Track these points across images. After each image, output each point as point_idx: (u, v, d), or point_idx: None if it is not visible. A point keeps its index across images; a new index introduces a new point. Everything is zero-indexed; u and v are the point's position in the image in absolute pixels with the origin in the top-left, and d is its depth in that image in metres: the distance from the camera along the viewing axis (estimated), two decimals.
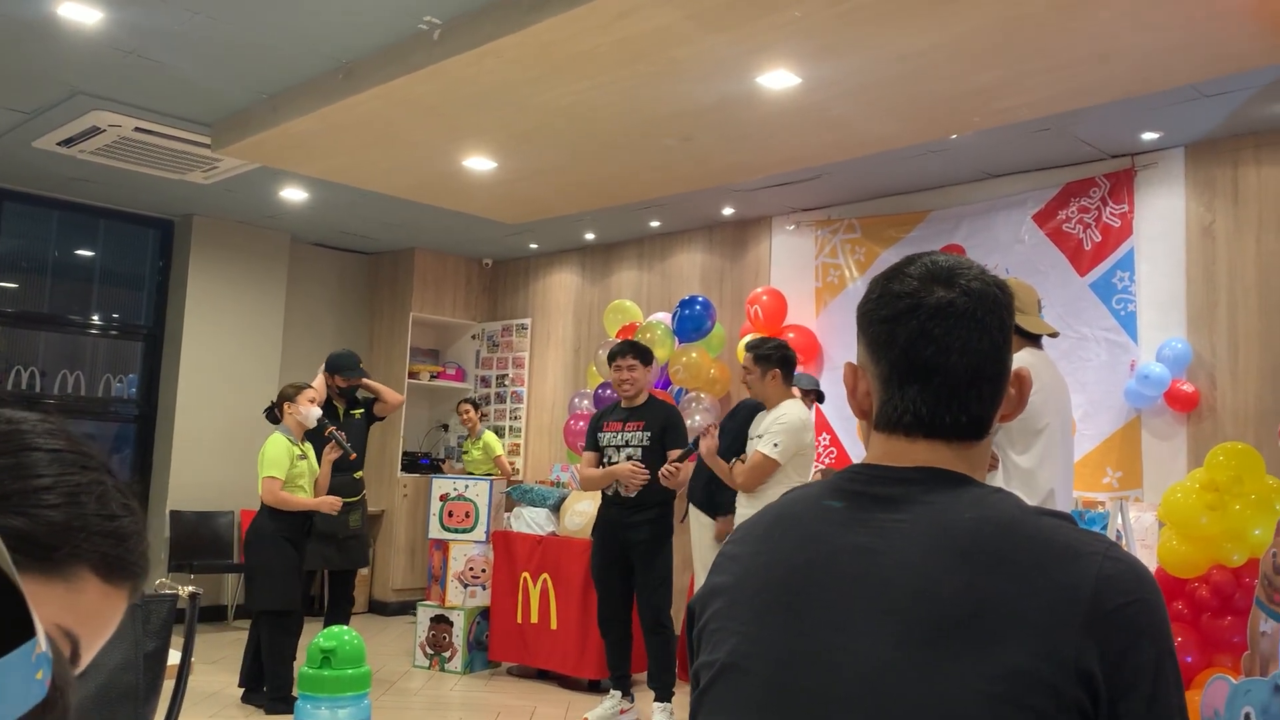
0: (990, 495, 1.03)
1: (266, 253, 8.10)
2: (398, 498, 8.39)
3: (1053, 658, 0.89)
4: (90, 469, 0.74)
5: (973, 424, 1.07)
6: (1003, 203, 5.95)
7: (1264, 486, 4.20)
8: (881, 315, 1.09)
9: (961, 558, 0.96)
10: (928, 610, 0.94)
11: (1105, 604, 0.92)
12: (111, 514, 0.72)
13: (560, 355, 8.38)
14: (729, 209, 6.90)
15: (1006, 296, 1.09)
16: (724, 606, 1.08)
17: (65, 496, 0.70)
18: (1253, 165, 5.14)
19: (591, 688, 5.76)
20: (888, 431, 1.09)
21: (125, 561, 0.72)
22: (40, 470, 0.70)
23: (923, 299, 1.06)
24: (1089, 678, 0.90)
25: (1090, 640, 0.90)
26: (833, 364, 6.55)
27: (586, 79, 4.39)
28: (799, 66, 4.22)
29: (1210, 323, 5.20)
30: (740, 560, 1.11)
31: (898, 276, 1.10)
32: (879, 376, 1.09)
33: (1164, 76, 4.20)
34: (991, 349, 1.06)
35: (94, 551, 0.69)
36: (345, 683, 1.10)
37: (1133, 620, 0.92)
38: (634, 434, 5.05)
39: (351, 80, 4.68)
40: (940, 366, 1.05)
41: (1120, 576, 0.94)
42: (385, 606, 8.25)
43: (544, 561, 5.99)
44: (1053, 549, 0.96)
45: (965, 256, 1.13)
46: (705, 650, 1.08)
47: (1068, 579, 0.93)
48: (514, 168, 5.74)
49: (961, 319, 1.05)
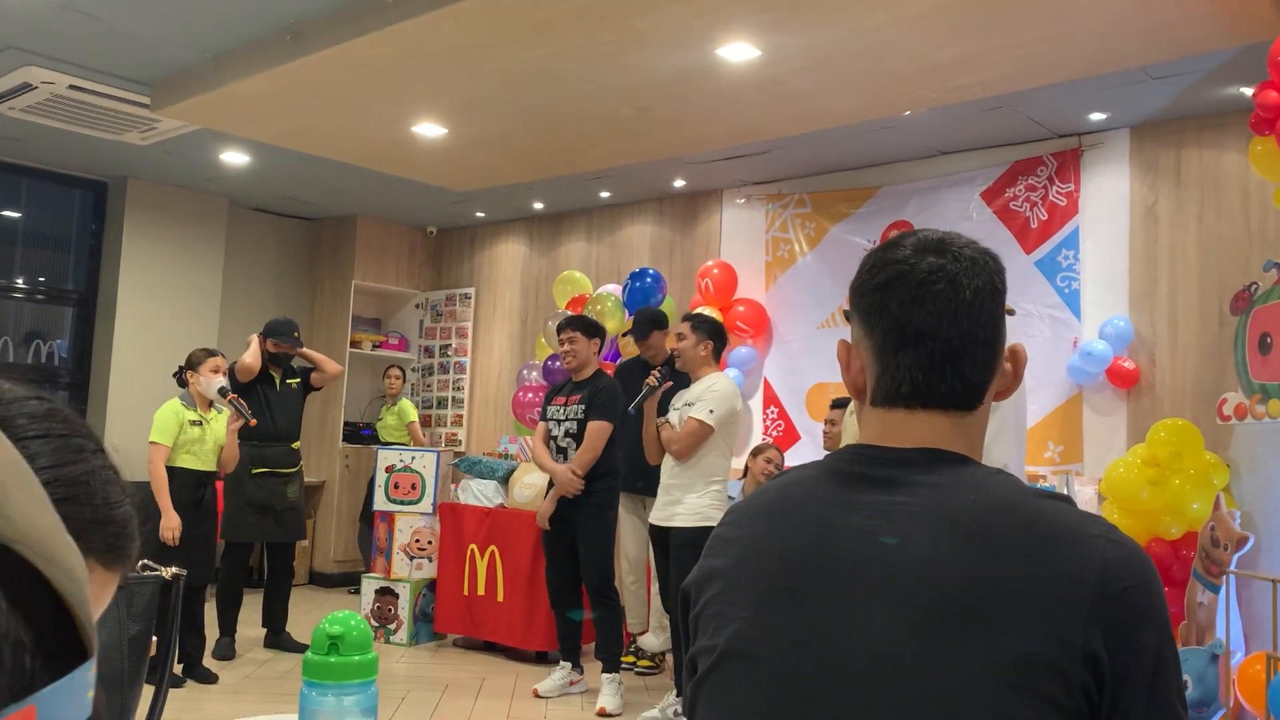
0: (991, 477, 1.03)
1: (204, 217, 7.88)
2: (338, 468, 8.28)
3: (1060, 641, 0.90)
4: (89, 453, 0.71)
5: (967, 391, 1.06)
6: (951, 180, 6.01)
7: (1202, 462, 4.33)
8: (873, 284, 1.08)
9: (966, 541, 0.96)
10: (936, 594, 0.94)
11: (1110, 587, 0.92)
12: (113, 502, 0.70)
13: (507, 326, 8.31)
14: (680, 181, 6.88)
15: (998, 265, 1.09)
16: (721, 591, 1.06)
17: (69, 489, 0.67)
18: (1195, 148, 5.25)
19: (539, 659, 5.76)
20: (886, 405, 1.07)
21: (126, 549, 0.70)
22: (41, 463, 0.67)
23: (914, 264, 1.06)
24: (1095, 660, 0.90)
25: (1096, 623, 0.91)
26: (782, 338, 6.58)
27: (545, 46, 4.32)
28: (759, 39, 4.20)
29: (1151, 302, 5.32)
30: (737, 543, 1.09)
31: (891, 247, 1.10)
32: (873, 348, 1.08)
33: (1119, 58, 4.26)
34: (983, 313, 1.06)
35: (100, 543, 0.67)
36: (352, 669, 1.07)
37: (1136, 603, 0.93)
38: (573, 408, 5.06)
39: (300, 42, 4.55)
40: (933, 331, 1.04)
41: (1123, 560, 0.95)
42: (326, 578, 8.15)
43: (492, 533, 5.95)
44: (1056, 532, 0.96)
45: (952, 232, 1.12)
46: (703, 636, 1.06)
47: (1072, 562, 0.93)
48: (465, 134, 5.65)
49: (953, 283, 1.05)
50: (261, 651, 5.74)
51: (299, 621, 6.33)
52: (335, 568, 8.17)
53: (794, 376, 6.50)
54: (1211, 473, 4.27)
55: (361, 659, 1.25)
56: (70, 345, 7.61)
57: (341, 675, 1.26)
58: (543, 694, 5.00)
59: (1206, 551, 3.98)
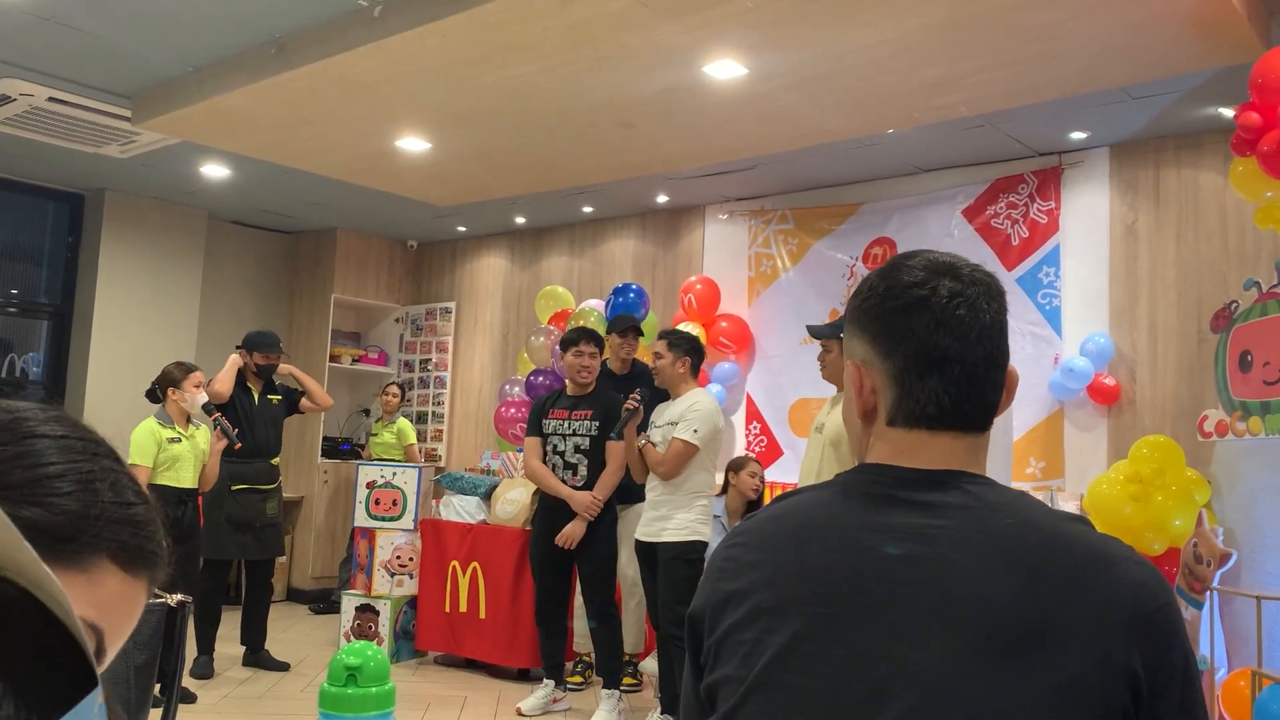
0: (1020, 498, 1.05)
1: (183, 230, 7.81)
2: (317, 484, 8.21)
3: (1104, 663, 0.92)
4: (100, 455, 0.71)
5: (986, 413, 1.08)
6: (933, 197, 6.05)
7: (1184, 479, 4.36)
8: (891, 307, 1.08)
9: (1012, 565, 0.97)
10: (987, 618, 0.94)
11: (1144, 608, 0.95)
12: (127, 501, 0.70)
13: (488, 341, 8.28)
14: (663, 197, 6.89)
15: (1003, 288, 1.12)
16: (748, 616, 1.03)
17: (78, 484, 0.66)
18: (1173, 167, 5.31)
19: (521, 676, 5.72)
20: (906, 426, 1.07)
21: (144, 550, 0.69)
22: (49, 458, 0.67)
23: (935, 288, 1.07)
24: (1134, 678, 0.93)
25: (1135, 643, 0.93)
26: (765, 354, 6.60)
27: (532, 62, 4.32)
28: (747, 57, 4.21)
29: (1131, 319, 5.37)
30: (760, 567, 1.06)
31: (900, 269, 1.10)
32: (891, 371, 1.08)
33: (1100, 78, 4.30)
34: (1001, 337, 1.09)
35: (113, 540, 0.66)
36: (370, 701, 1.05)
37: (1165, 623, 0.96)
38: (581, 423, 4.99)
39: (285, 56, 4.53)
40: (959, 356, 1.05)
41: (1150, 582, 0.98)
42: (304, 594, 8.07)
43: (474, 550, 5.91)
44: (1091, 556, 0.98)
45: (952, 253, 1.14)
46: (727, 664, 1.03)
47: (1108, 585, 0.96)
48: (449, 149, 5.64)
49: (973, 308, 1.06)
50: (240, 670, 5.67)
51: (277, 639, 6.26)
52: (313, 584, 8.09)
53: (777, 392, 6.51)
54: (1193, 489, 4.31)
55: (379, 690, 1.23)
56: (45, 359, 7.52)
57: (359, 707, 1.24)
58: (525, 712, 4.97)
59: (1189, 568, 4.01)
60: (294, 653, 6.08)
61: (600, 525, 4.92)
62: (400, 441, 7.69)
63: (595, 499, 4.85)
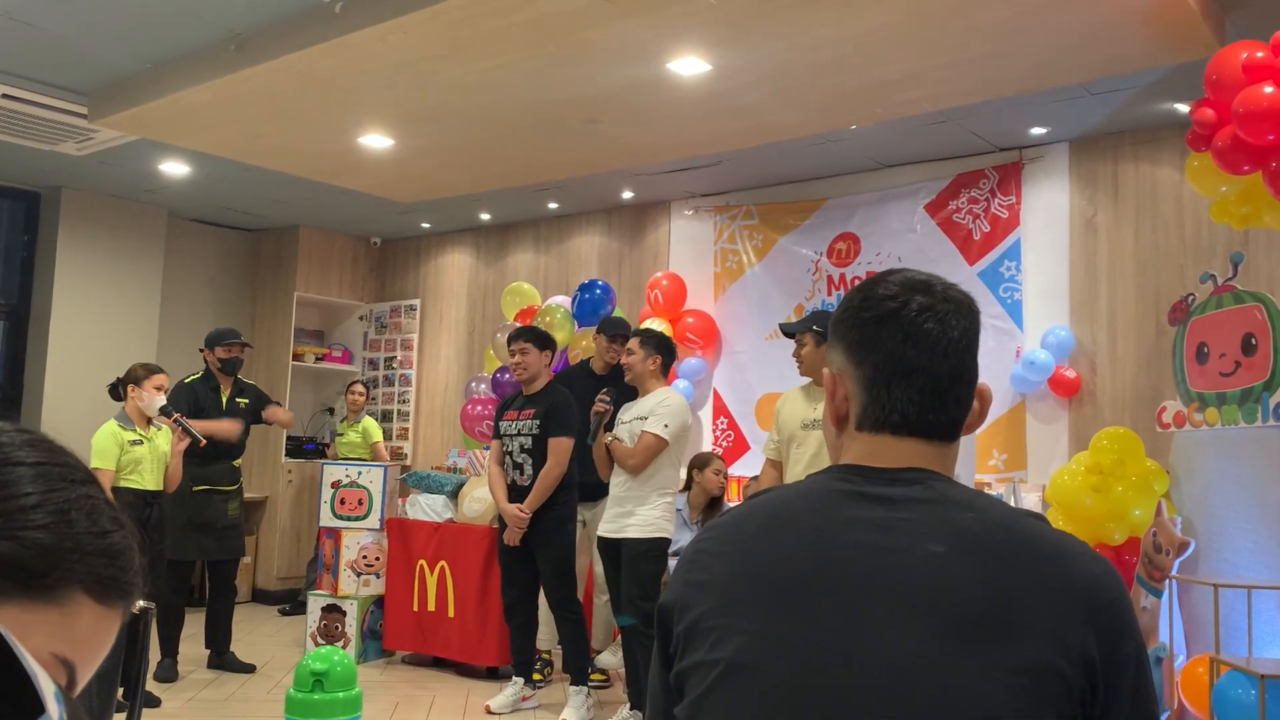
0: (981, 496, 1.09)
1: (142, 228, 7.71)
2: (282, 484, 8.14)
3: (1064, 649, 0.95)
4: (77, 482, 0.69)
5: (950, 425, 1.13)
6: (896, 193, 6.09)
7: (1143, 469, 4.42)
8: (864, 319, 1.13)
9: (973, 555, 1.00)
10: (949, 606, 0.97)
11: (1098, 600, 0.99)
12: (103, 530, 0.68)
13: (454, 338, 8.25)
14: (628, 193, 6.89)
15: (976, 308, 1.16)
16: (717, 605, 1.05)
17: (53, 515, 0.65)
18: (1131, 162, 5.38)
19: (490, 674, 5.71)
20: (873, 430, 1.12)
21: (119, 580, 0.68)
22: (24, 488, 0.65)
23: (906, 303, 1.11)
24: (1092, 666, 0.96)
25: (1091, 632, 0.97)
26: (731, 349, 6.62)
27: (494, 58, 4.31)
28: (710, 54, 4.22)
29: (1091, 312, 5.44)
30: (728, 558, 1.09)
31: (877, 284, 1.16)
32: (861, 379, 1.13)
33: (1060, 74, 4.35)
34: (969, 353, 1.13)
35: (88, 573, 0.65)
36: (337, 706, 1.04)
37: (1119, 615, 1.00)
38: (526, 422, 5.02)
39: (245, 52, 4.48)
40: (925, 367, 1.10)
41: (1105, 575, 1.02)
42: (269, 595, 8.00)
43: (441, 548, 5.89)
44: (1049, 549, 1.02)
45: (932, 274, 1.17)
46: (698, 650, 1.05)
47: (1065, 578, 1.00)
48: (412, 146, 5.60)
49: (942, 323, 1.11)
50: (205, 673, 5.62)
51: (242, 640, 6.21)
52: (278, 585, 8.02)
53: (743, 387, 6.53)
54: (1152, 479, 4.37)
55: (346, 695, 1.23)
56: (1, 360, 7.39)
57: (326, 713, 1.23)
58: (495, 710, 4.96)
59: (1149, 557, 4.07)
60: (260, 654, 6.03)
61: (552, 523, 4.93)
62: (365, 440, 7.65)
63: (520, 512, 4.87)
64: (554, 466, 4.88)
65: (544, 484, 4.88)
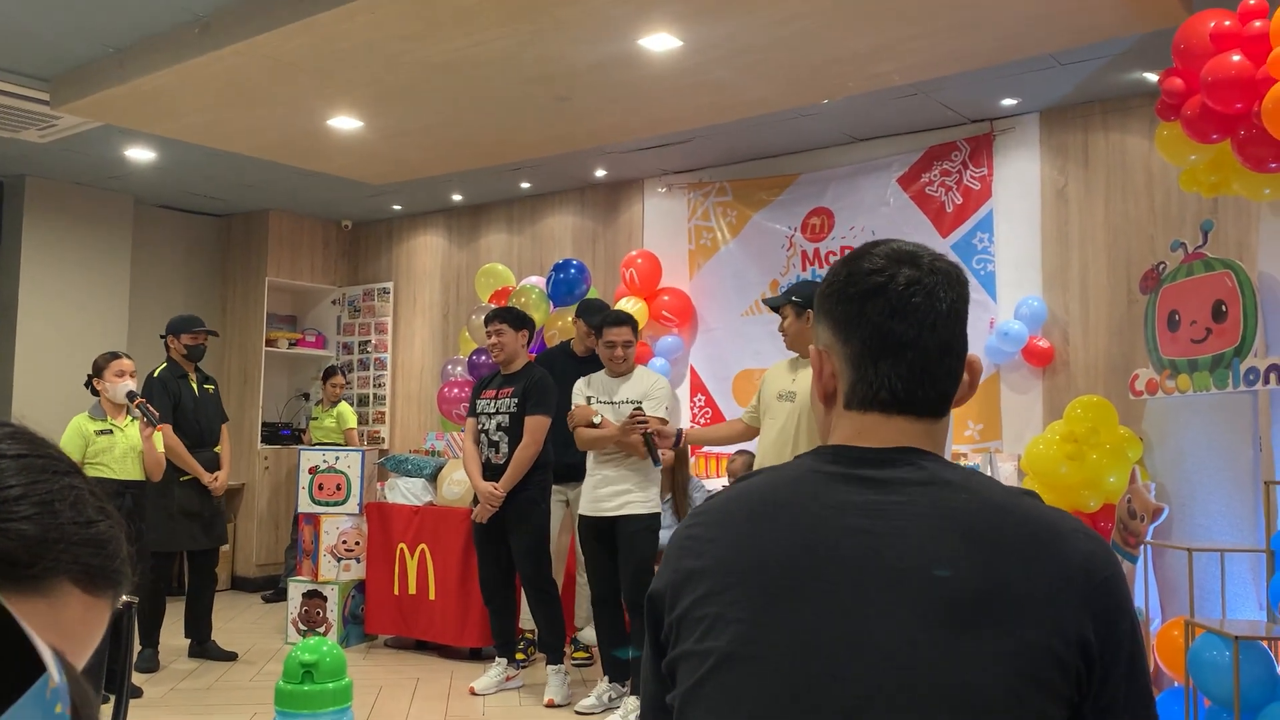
0: (973, 476, 1.07)
1: (109, 216, 7.61)
2: (258, 470, 8.09)
3: (1060, 632, 0.95)
4: (60, 473, 0.69)
5: (941, 400, 1.10)
6: (869, 166, 6.10)
7: (1117, 437, 4.48)
8: (850, 293, 1.10)
9: (965, 539, 0.99)
10: (944, 589, 0.96)
11: (1094, 578, 0.98)
12: (88, 519, 0.68)
13: (428, 320, 8.20)
14: (601, 171, 6.86)
15: (965, 277, 1.13)
16: (710, 592, 1.04)
17: (38, 506, 0.65)
18: (1101, 131, 5.41)
19: (473, 656, 5.72)
20: (861, 409, 1.10)
21: (107, 570, 0.68)
22: (8, 480, 0.65)
23: (892, 276, 1.08)
24: (1088, 646, 0.95)
25: (1086, 613, 0.96)
26: (707, 326, 6.62)
27: (465, 36, 4.26)
28: (681, 29, 4.20)
29: (1064, 281, 5.48)
30: (718, 544, 1.07)
31: (863, 257, 1.12)
32: (848, 355, 1.10)
33: (1029, 45, 4.36)
34: (958, 325, 1.10)
35: (74, 563, 0.65)
36: (327, 697, 1.04)
37: (1113, 593, 0.99)
38: (504, 401, 5.03)
39: (210, 35, 4.42)
40: (913, 342, 1.07)
41: (1098, 553, 1.01)
42: (249, 583, 7.97)
43: (421, 532, 5.88)
44: (1043, 529, 1.01)
45: (919, 243, 1.14)
46: (690, 639, 1.03)
47: (1061, 557, 0.99)
48: (383, 127, 5.55)
49: (930, 296, 1.08)
50: (186, 662, 5.59)
51: (223, 629, 6.19)
52: (257, 572, 7.99)
53: (720, 364, 6.55)
54: (1126, 447, 4.42)
55: (336, 686, 1.22)
56: None
57: (316, 704, 1.22)
58: (479, 691, 4.97)
59: (1124, 523, 4.12)
60: (241, 642, 6.01)
61: (525, 502, 4.94)
62: (340, 426, 7.62)
63: (493, 490, 4.88)
64: (530, 445, 4.89)
65: (519, 462, 4.89)
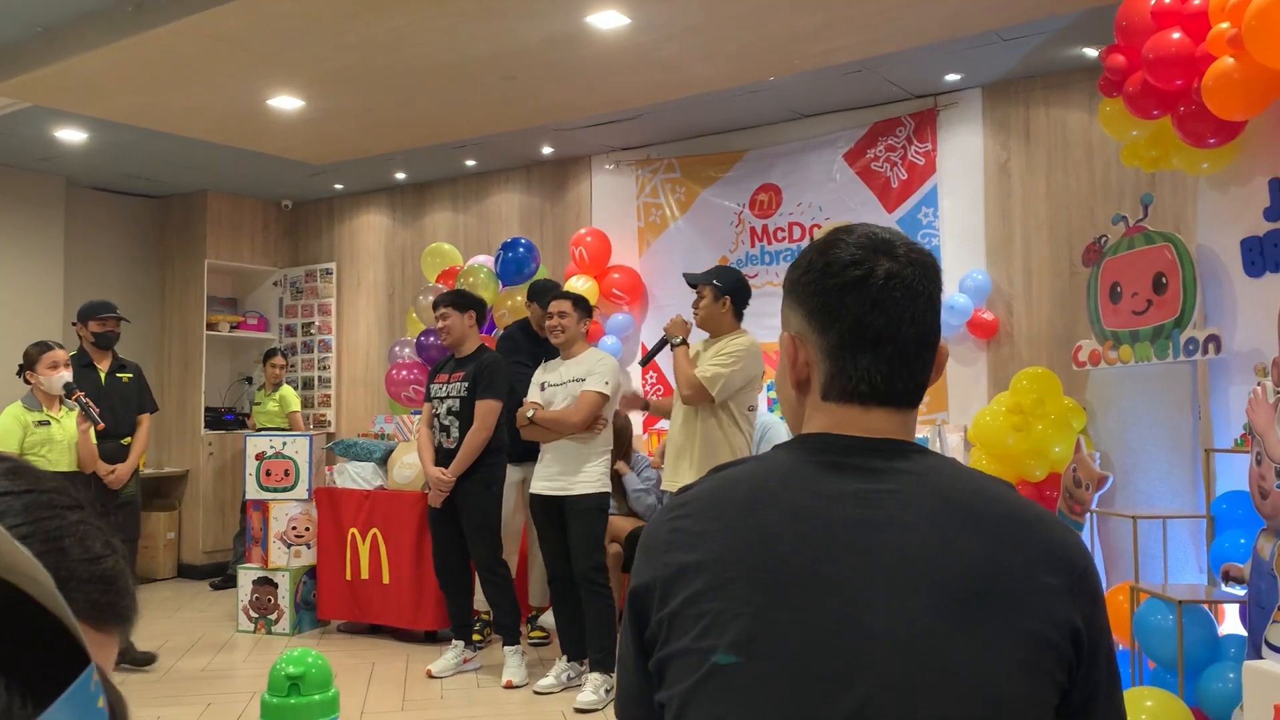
0: (958, 466, 1.08)
1: (39, 199, 7.38)
2: (203, 457, 7.95)
3: (1053, 619, 0.96)
4: (65, 508, 0.67)
5: (918, 390, 1.10)
6: (815, 143, 6.12)
7: (1061, 407, 4.56)
8: (829, 285, 1.08)
9: (965, 527, 0.99)
10: (944, 578, 0.96)
11: (1076, 567, 1.00)
12: (96, 556, 0.66)
13: (373, 301, 8.10)
14: (548, 148, 6.80)
15: (939, 266, 1.13)
16: (708, 587, 1.01)
17: (46, 545, 0.63)
18: (1042, 106, 5.49)
19: (428, 639, 5.70)
20: (840, 401, 1.09)
21: (116, 606, 0.66)
22: (13, 520, 0.63)
23: (871, 269, 1.07)
24: (1077, 634, 0.97)
25: (1075, 602, 0.98)
26: (658, 303, 6.62)
27: (407, 14, 4.19)
28: (629, 7, 4.17)
29: (1007, 255, 5.56)
30: (712, 537, 1.04)
31: (837, 245, 1.10)
32: (825, 347, 1.09)
33: (974, 21, 4.41)
34: (934, 317, 1.10)
35: (84, 600, 0.63)
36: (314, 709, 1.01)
37: (1094, 583, 1.02)
38: (455, 385, 4.99)
39: (144, 14, 4.29)
40: (893, 336, 1.07)
41: (1076, 543, 1.03)
42: (196, 570, 7.85)
43: (373, 516, 5.83)
44: (1028, 517, 1.02)
45: (890, 229, 1.14)
46: (688, 636, 1.00)
47: (1049, 547, 1.00)
48: (324, 106, 5.45)
49: (909, 290, 1.07)
50: None
51: (172, 617, 6.10)
52: (204, 559, 7.87)
53: None
54: (1070, 417, 4.51)
55: (323, 698, 1.20)
56: None
57: (304, 717, 1.20)
58: (436, 674, 4.96)
59: (1070, 491, 4.22)
60: (191, 630, 5.93)
61: (476, 484, 4.92)
62: (283, 409, 7.49)
63: (441, 476, 4.87)
64: (479, 430, 4.87)
65: (469, 447, 4.86)
